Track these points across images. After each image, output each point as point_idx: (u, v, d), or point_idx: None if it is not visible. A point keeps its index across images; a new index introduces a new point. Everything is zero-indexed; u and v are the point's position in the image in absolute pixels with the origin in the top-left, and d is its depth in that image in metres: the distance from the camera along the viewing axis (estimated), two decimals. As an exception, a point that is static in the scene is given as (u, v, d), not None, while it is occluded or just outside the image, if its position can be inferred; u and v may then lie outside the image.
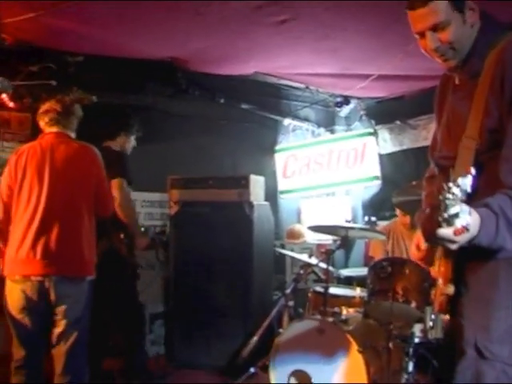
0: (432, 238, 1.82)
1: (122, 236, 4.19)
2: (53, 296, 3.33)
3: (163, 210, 5.79)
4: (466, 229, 1.66)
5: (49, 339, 3.44)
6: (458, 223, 1.63)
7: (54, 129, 3.59)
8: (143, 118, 5.54)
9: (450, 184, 1.59)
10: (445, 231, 1.68)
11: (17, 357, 3.39)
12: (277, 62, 4.93)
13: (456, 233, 1.67)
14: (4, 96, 4.56)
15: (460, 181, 1.60)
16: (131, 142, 4.63)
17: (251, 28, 3.96)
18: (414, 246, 2.27)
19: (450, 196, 1.59)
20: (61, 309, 3.36)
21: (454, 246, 1.77)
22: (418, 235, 2.24)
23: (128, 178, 4.24)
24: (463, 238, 1.72)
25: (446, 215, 1.62)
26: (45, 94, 4.90)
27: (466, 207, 1.63)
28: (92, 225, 3.54)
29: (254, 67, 5.21)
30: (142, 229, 5.47)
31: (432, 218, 1.72)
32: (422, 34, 2.05)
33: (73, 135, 3.68)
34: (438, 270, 2.05)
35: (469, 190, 1.62)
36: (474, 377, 2.00)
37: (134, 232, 4.28)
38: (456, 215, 1.62)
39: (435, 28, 1.99)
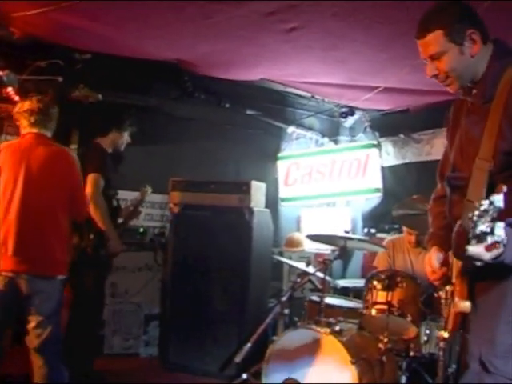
0: (461, 255, 1.84)
1: (91, 236, 4.15)
2: (24, 292, 3.37)
3: (163, 212, 5.79)
4: (497, 243, 1.66)
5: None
6: (490, 239, 1.64)
7: (35, 129, 3.61)
8: (148, 119, 5.58)
9: (482, 201, 1.61)
10: (475, 248, 1.68)
11: None
12: (284, 70, 4.94)
13: (487, 249, 1.67)
14: (10, 89, 4.56)
15: (493, 197, 1.61)
16: (124, 138, 4.61)
17: (260, 34, 3.97)
18: (429, 268, 2.32)
19: (481, 213, 1.60)
20: (33, 305, 3.39)
21: (480, 263, 1.78)
22: (430, 256, 2.30)
23: (105, 175, 4.24)
24: (493, 254, 1.71)
25: (477, 231, 1.63)
26: (51, 90, 4.93)
27: (500, 223, 1.64)
28: (66, 226, 3.59)
29: (260, 73, 5.21)
30: (141, 229, 5.50)
31: (462, 235, 1.76)
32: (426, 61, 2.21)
33: (50, 135, 3.71)
34: (454, 288, 2.12)
35: (502, 205, 1.62)
36: None
37: (106, 233, 4.21)
38: (488, 232, 1.63)
39: (432, 57, 2.15)
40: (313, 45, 4.08)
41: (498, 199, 1.62)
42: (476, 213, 1.60)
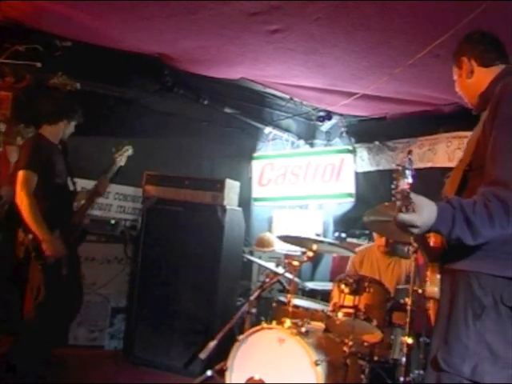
0: (399, 226, 2.01)
1: (30, 236, 3.95)
2: None
3: (136, 205, 5.76)
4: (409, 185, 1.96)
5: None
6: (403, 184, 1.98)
7: None
8: (125, 111, 5.55)
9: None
10: (404, 215, 1.93)
11: None
12: (264, 70, 4.95)
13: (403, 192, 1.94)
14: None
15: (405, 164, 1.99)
16: (70, 128, 4.36)
17: (243, 34, 3.98)
18: None
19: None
20: None
21: (415, 230, 1.97)
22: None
23: (37, 171, 3.95)
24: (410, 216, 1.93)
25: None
26: (29, 75, 4.88)
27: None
28: None
29: (241, 73, 5.22)
30: (113, 221, 5.47)
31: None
32: None
33: None
34: (427, 276, 2.26)
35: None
36: None
37: (37, 234, 3.90)
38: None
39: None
40: (294, 48, 4.10)
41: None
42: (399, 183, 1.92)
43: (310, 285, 5.78)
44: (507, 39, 3.39)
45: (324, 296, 5.05)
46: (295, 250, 5.61)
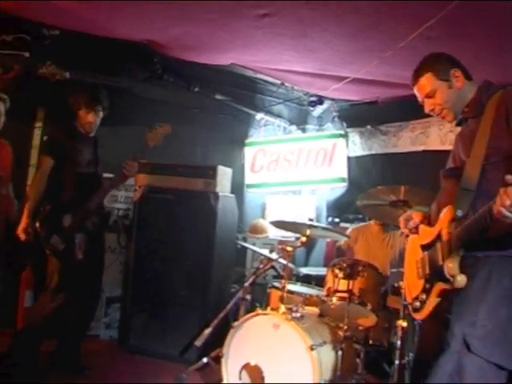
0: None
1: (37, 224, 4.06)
2: None
3: (128, 194, 5.74)
4: None
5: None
6: None
7: None
8: (116, 99, 5.50)
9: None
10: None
11: None
12: (255, 56, 4.92)
13: None
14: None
15: None
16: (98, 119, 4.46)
17: (232, 19, 3.94)
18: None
19: None
20: None
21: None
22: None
23: (52, 155, 4.20)
24: None
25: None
26: (17, 65, 4.83)
27: None
28: None
29: (231, 58, 5.19)
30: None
31: None
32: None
33: None
34: (446, 266, 2.40)
35: None
36: (455, 369, 2.34)
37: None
38: None
39: (427, 96, 2.76)
40: (284, 32, 4.07)
41: None
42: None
43: (304, 270, 5.79)
44: (498, 15, 3.41)
45: (318, 281, 5.06)
46: (289, 235, 5.62)
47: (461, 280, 2.35)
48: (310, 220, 4.22)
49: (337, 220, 6.49)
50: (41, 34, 4.87)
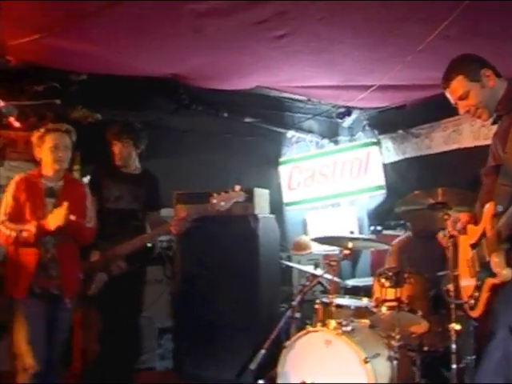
0: None
1: None
2: None
3: (170, 225, 5.80)
4: None
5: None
6: None
7: None
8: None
9: None
10: None
11: None
12: (277, 76, 4.98)
13: None
14: (11, 118, 4.64)
15: None
16: (135, 152, 4.63)
17: (250, 43, 4.01)
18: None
19: None
20: None
21: None
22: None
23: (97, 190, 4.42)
24: None
25: None
26: (50, 113, 4.99)
27: None
28: None
29: (255, 81, 5.25)
30: (149, 244, 5.52)
31: None
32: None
33: None
34: (492, 261, 2.47)
35: None
36: (504, 355, 2.44)
37: None
38: None
39: (460, 98, 2.79)
40: (303, 49, 4.12)
41: None
42: None
43: (352, 282, 5.74)
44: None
45: (367, 292, 5.00)
46: (333, 249, 5.59)
47: (507, 273, 2.40)
48: (351, 232, 4.22)
49: (379, 228, 6.44)
50: (69, 80, 5.03)
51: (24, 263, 3.65)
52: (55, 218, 3.58)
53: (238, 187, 4.22)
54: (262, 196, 5.31)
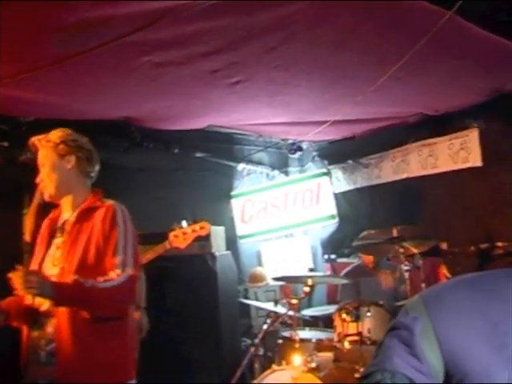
0: None
1: None
2: None
3: (125, 266, 5.73)
4: None
5: None
6: None
7: None
8: (99, 174, 5.55)
9: None
10: None
11: None
12: (230, 117, 5.04)
13: None
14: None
15: None
16: None
17: (206, 89, 4.05)
18: None
19: None
20: None
21: None
22: None
23: None
24: None
25: None
26: (-2, 156, 4.88)
27: None
28: None
29: (207, 122, 5.29)
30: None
31: None
32: None
33: None
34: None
35: None
36: None
37: None
38: None
39: None
40: (258, 93, 4.20)
41: None
42: None
43: (310, 312, 5.79)
44: (457, 60, 3.58)
45: (325, 321, 5.08)
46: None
47: None
48: (310, 270, 4.29)
49: (333, 256, 6.54)
50: (17, 122, 4.93)
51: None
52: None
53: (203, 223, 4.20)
54: (217, 233, 5.34)
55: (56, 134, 3.00)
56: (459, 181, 5.26)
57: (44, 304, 2.61)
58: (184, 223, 4.14)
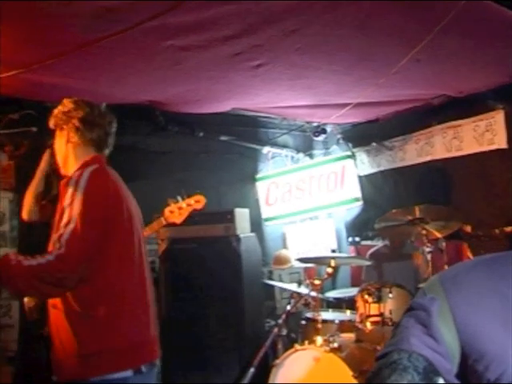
0: None
1: None
2: None
3: (151, 247, 5.83)
4: None
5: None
6: None
7: None
8: (123, 157, 5.63)
9: None
10: None
11: None
12: (254, 100, 5.05)
13: None
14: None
15: None
16: None
17: (228, 73, 4.09)
18: None
19: None
20: None
21: None
22: None
23: None
24: None
25: None
26: (26, 141, 4.98)
27: None
28: None
29: (231, 105, 5.31)
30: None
31: None
32: None
33: None
34: None
35: None
36: None
37: None
38: None
39: None
40: (280, 76, 4.21)
41: None
42: None
43: (333, 294, 5.84)
44: (480, 40, 3.56)
45: (349, 303, 5.12)
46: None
47: None
48: (333, 251, 4.32)
49: (357, 239, 6.56)
50: (45, 107, 5.02)
51: None
52: None
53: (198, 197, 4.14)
54: (242, 216, 5.38)
55: (55, 109, 3.10)
56: (484, 163, 5.23)
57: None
58: (179, 198, 4.10)
